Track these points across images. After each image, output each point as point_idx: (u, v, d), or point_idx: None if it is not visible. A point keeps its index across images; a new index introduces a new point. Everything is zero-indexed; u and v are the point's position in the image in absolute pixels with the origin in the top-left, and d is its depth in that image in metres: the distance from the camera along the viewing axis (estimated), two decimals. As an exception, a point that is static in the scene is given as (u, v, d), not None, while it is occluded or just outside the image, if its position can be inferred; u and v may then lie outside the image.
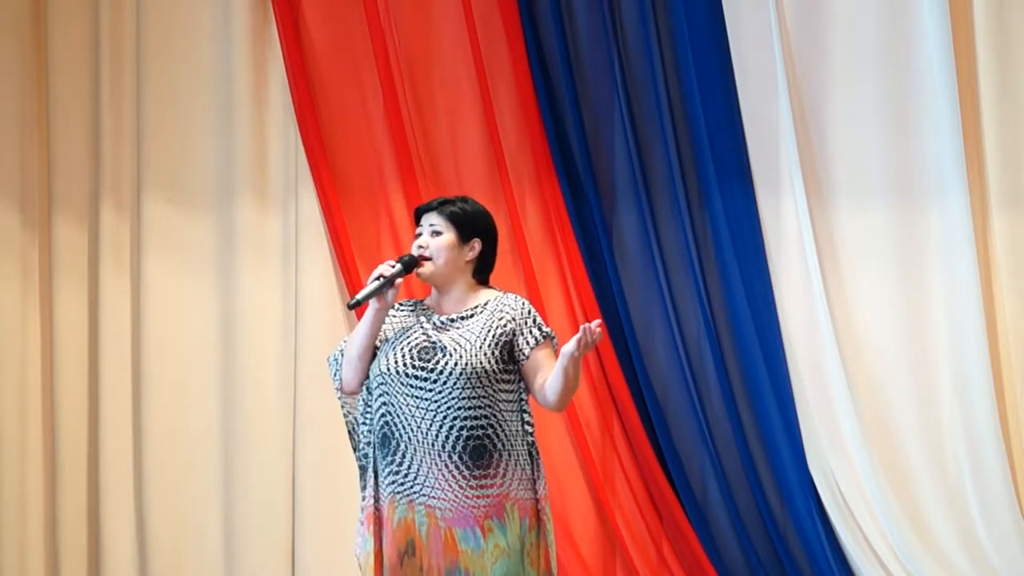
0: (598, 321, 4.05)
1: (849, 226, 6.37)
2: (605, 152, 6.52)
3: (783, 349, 6.36)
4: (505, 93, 6.49)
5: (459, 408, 4.12)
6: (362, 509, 4.26)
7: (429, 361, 4.15)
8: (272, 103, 6.57)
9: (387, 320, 4.27)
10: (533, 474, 4.21)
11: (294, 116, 6.49)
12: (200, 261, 6.59)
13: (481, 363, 4.14)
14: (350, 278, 6.42)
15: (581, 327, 4.02)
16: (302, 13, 6.52)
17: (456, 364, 4.12)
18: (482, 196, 6.37)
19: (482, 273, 4.29)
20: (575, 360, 4.07)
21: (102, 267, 6.57)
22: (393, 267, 4.20)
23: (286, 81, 6.49)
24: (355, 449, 4.30)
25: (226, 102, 6.56)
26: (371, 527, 4.21)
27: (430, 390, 4.13)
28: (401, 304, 4.31)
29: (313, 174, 6.48)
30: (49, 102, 6.55)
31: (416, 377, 4.15)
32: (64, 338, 6.52)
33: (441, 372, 4.13)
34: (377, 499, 4.22)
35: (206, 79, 6.58)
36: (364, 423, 4.25)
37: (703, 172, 6.41)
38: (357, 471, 4.29)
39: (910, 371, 6.31)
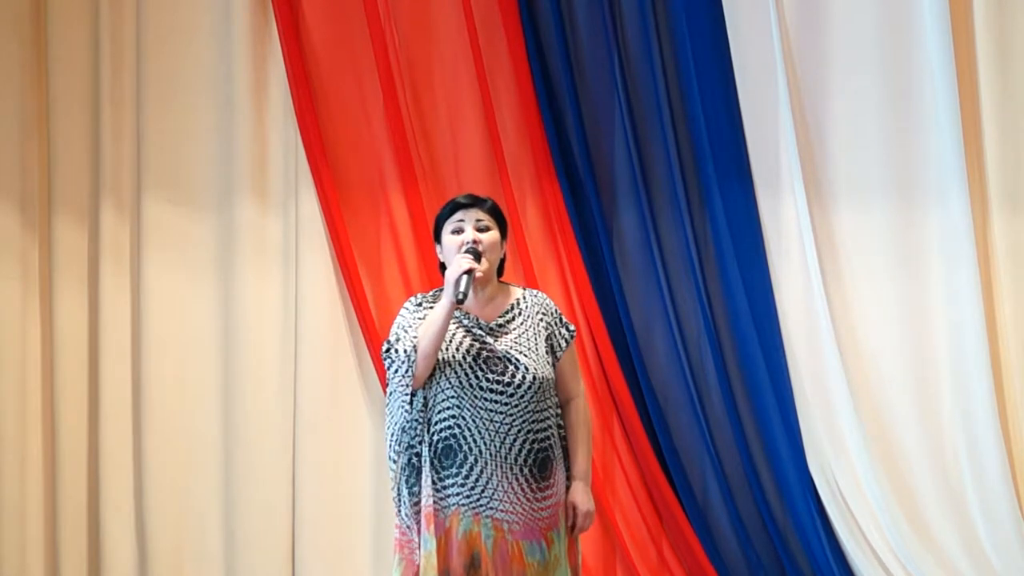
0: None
1: (849, 226, 6.37)
2: (605, 152, 6.52)
3: (783, 349, 6.36)
4: (505, 93, 6.49)
5: (532, 421, 4.15)
6: (410, 511, 4.19)
7: (504, 374, 4.15)
8: (272, 103, 6.57)
9: (414, 318, 4.24)
10: (567, 476, 4.27)
11: (294, 116, 6.49)
12: (200, 261, 6.59)
13: (546, 373, 4.18)
14: (350, 278, 6.42)
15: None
16: (302, 13, 6.53)
17: (534, 377, 4.14)
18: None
19: (500, 272, 4.34)
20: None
21: (102, 267, 6.57)
22: (474, 259, 4.19)
23: (286, 81, 6.49)
24: (398, 444, 4.23)
25: (226, 102, 6.56)
26: (431, 527, 4.16)
27: (505, 403, 4.14)
28: (423, 299, 4.30)
29: (313, 174, 6.49)
30: (49, 102, 6.55)
31: (492, 391, 4.14)
32: (64, 338, 6.52)
33: (519, 386, 4.14)
34: (436, 502, 4.17)
35: (206, 79, 6.58)
36: (419, 421, 4.20)
37: (703, 172, 6.41)
38: (393, 469, 4.23)
39: (910, 371, 6.31)
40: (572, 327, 4.28)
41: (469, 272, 4.14)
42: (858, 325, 6.36)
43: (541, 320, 4.23)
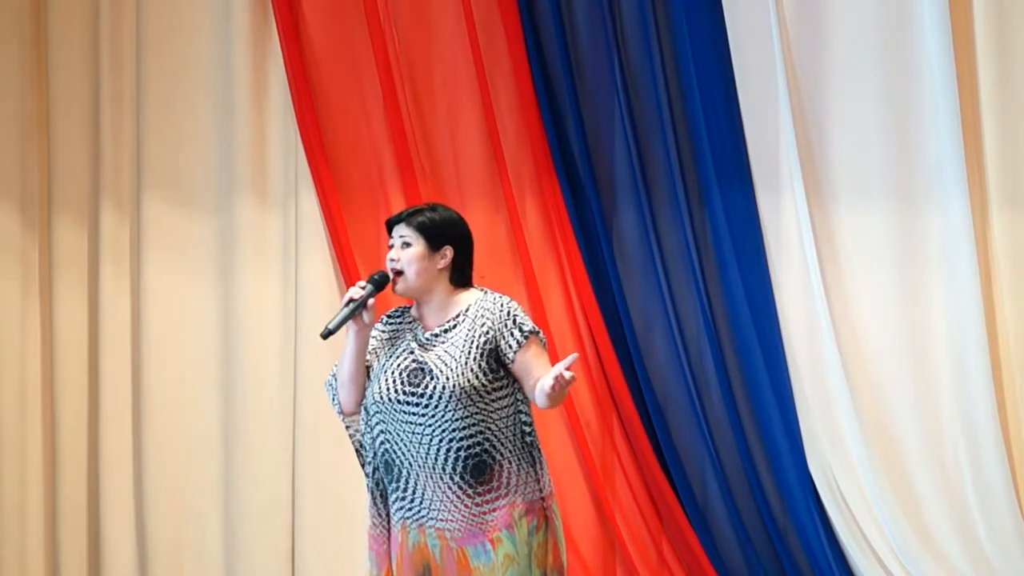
0: (574, 356, 4.02)
1: (849, 226, 6.37)
2: (605, 152, 6.51)
3: (783, 349, 6.36)
4: (505, 93, 6.49)
5: (453, 429, 4.07)
6: (368, 528, 4.25)
7: (419, 385, 4.11)
8: (272, 103, 6.57)
9: (376, 337, 4.22)
10: (537, 474, 4.18)
11: (294, 116, 6.49)
12: (200, 261, 6.59)
13: (469, 381, 4.08)
14: (350, 278, 6.42)
15: (554, 375, 3.99)
16: (302, 13, 6.52)
17: (443, 387, 4.08)
18: (482, 196, 6.40)
19: (459, 279, 4.22)
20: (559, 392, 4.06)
21: (102, 267, 6.57)
22: (363, 288, 4.16)
23: (286, 81, 6.49)
24: (363, 467, 4.29)
25: (226, 102, 6.56)
26: (380, 546, 4.21)
27: (423, 415, 4.09)
28: (389, 316, 4.26)
29: (313, 174, 6.48)
30: (49, 102, 6.55)
31: (408, 403, 4.10)
32: (64, 338, 6.52)
33: (431, 396, 4.08)
34: (384, 519, 4.21)
35: (206, 79, 6.58)
36: (368, 446, 4.23)
37: (703, 172, 6.41)
38: (361, 473, 4.28)
39: (910, 371, 6.31)
40: (528, 327, 4.13)
41: (350, 303, 4.14)
42: (858, 325, 6.36)
43: (483, 326, 4.14)
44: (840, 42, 6.35)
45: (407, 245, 4.20)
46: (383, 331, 4.24)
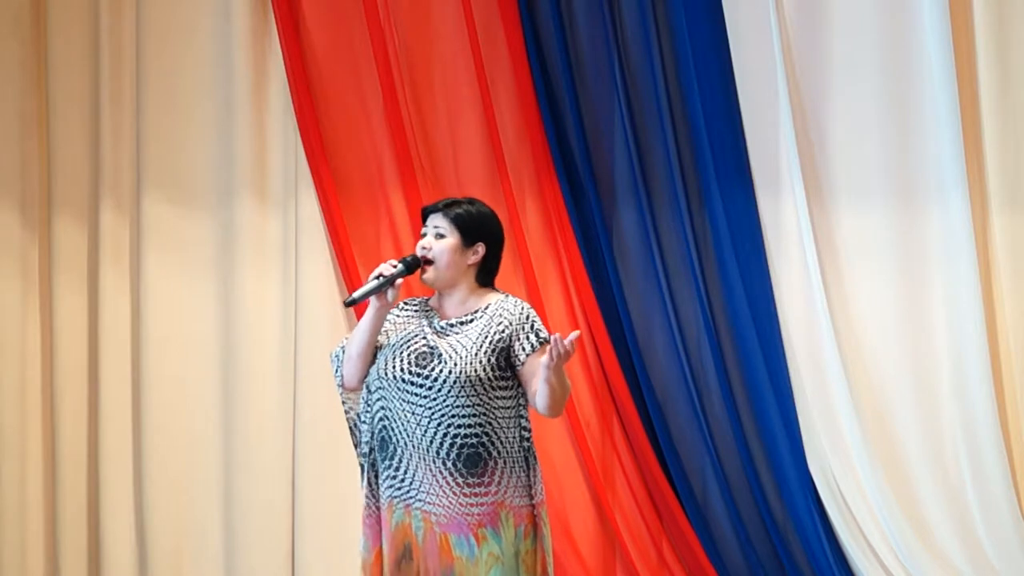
0: (576, 334, 4.02)
1: (849, 226, 6.38)
2: (605, 152, 6.52)
3: (783, 349, 6.36)
4: (505, 93, 6.49)
5: (453, 415, 4.10)
6: (363, 507, 4.26)
7: (425, 367, 4.14)
8: (272, 103, 6.57)
9: (391, 320, 4.26)
10: (529, 480, 4.19)
11: (294, 116, 6.49)
12: (200, 261, 6.59)
13: (476, 371, 4.12)
14: (350, 278, 6.43)
15: (553, 338, 4.00)
16: (302, 13, 6.52)
17: (451, 372, 4.11)
18: (482, 196, 6.35)
19: (486, 276, 4.26)
20: (555, 370, 4.05)
21: (102, 267, 6.57)
22: (395, 267, 4.19)
23: (286, 81, 6.49)
24: (356, 446, 4.30)
25: (226, 102, 6.56)
26: (370, 527, 4.22)
27: (425, 396, 4.12)
28: (406, 303, 4.30)
29: (313, 174, 6.49)
30: (49, 102, 6.55)
31: (412, 383, 4.13)
32: (64, 338, 6.52)
33: (436, 379, 4.11)
34: (377, 499, 4.23)
35: (206, 79, 6.58)
36: (365, 422, 4.25)
37: (703, 172, 6.42)
38: (358, 469, 4.30)
39: (910, 371, 6.31)
40: (544, 335, 4.18)
41: (379, 278, 4.16)
42: (858, 325, 6.36)
43: (500, 324, 4.17)
44: (840, 42, 6.36)
45: (441, 236, 4.21)
46: (399, 315, 4.27)
